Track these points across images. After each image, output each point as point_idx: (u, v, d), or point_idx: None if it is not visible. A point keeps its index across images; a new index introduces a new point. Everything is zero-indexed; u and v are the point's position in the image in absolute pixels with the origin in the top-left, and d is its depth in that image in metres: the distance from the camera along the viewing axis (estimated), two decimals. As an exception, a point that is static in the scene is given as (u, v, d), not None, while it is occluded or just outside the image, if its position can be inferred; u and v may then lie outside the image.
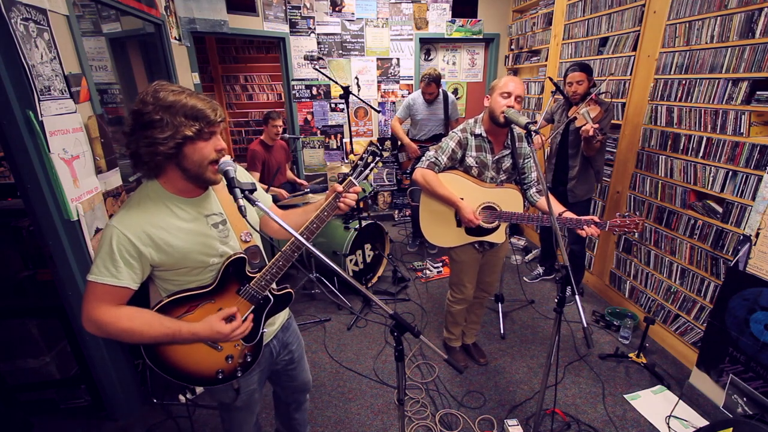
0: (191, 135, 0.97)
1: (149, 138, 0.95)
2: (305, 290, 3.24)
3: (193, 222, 1.08)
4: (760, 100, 1.87)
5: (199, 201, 1.11)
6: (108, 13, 2.39)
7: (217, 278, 1.11)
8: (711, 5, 2.09)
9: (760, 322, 1.70)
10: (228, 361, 1.16)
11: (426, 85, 3.46)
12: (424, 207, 2.01)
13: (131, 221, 1.00)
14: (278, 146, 3.54)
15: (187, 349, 1.11)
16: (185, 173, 1.02)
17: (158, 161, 0.98)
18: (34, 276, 2.03)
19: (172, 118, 0.95)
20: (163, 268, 1.06)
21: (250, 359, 1.21)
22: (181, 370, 1.13)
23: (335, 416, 2.05)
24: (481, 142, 1.88)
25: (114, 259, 0.98)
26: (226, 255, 1.12)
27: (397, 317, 1.04)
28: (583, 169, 2.67)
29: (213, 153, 1.02)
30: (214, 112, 1.00)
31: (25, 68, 1.43)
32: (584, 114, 2.34)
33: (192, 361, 1.13)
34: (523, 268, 3.57)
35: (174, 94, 0.97)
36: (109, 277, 0.98)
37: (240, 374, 1.20)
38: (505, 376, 2.30)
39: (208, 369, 1.15)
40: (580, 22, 3.20)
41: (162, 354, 1.10)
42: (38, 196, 1.54)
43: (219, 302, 1.12)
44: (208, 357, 1.14)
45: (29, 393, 2.10)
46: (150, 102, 0.95)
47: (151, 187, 1.05)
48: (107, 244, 0.98)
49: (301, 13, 4.07)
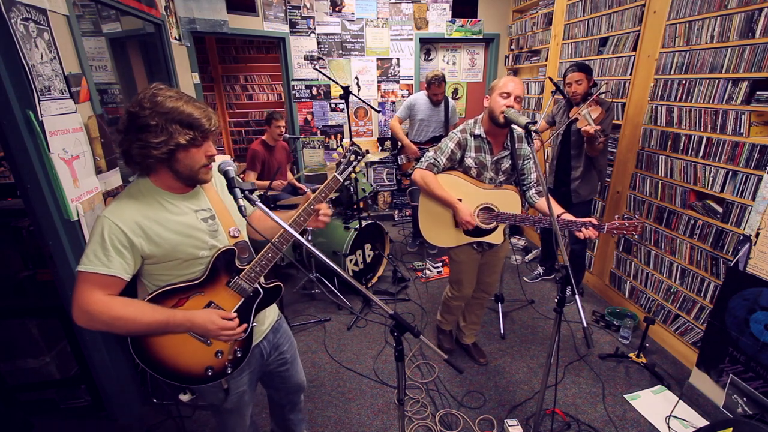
0: (184, 143, 1.00)
1: (143, 141, 0.98)
2: (305, 290, 3.24)
3: (183, 216, 1.10)
4: (760, 100, 1.87)
5: (189, 197, 1.13)
6: (108, 13, 2.39)
7: (207, 270, 1.12)
8: (711, 5, 2.09)
9: (760, 322, 1.70)
10: (218, 357, 1.16)
11: (437, 86, 3.44)
12: (422, 207, 2.02)
13: (123, 213, 1.01)
14: (280, 147, 3.54)
15: (177, 344, 1.10)
16: (176, 174, 1.06)
17: (150, 163, 1.01)
18: (34, 276, 2.03)
19: (167, 125, 0.97)
20: (153, 260, 1.06)
21: (240, 354, 1.21)
22: (170, 366, 1.11)
23: (335, 416, 2.05)
24: (480, 143, 1.88)
25: (105, 248, 0.99)
26: (215, 248, 1.14)
27: (397, 317, 1.05)
28: (586, 169, 2.67)
29: (204, 159, 1.06)
30: (209, 121, 1.03)
31: (25, 68, 1.43)
32: (585, 115, 2.34)
33: (181, 357, 1.12)
34: (523, 268, 3.57)
35: (171, 100, 0.99)
36: (100, 266, 0.99)
37: (230, 371, 1.20)
38: (505, 376, 2.30)
39: (198, 365, 1.14)
40: (580, 22, 3.20)
41: (150, 349, 1.09)
42: (38, 196, 1.54)
43: (209, 294, 1.13)
44: (198, 352, 1.13)
45: (29, 393, 2.10)
46: (147, 106, 0.97)
47: (142, 183, 1.07)
48: (98, 234, 0.99)
49: (301, 13, 4.07)
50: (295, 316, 2.91)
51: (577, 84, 2.55)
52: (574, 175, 2.72)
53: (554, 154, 2.90)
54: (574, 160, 2.71)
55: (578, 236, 1.68)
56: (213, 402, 1.29)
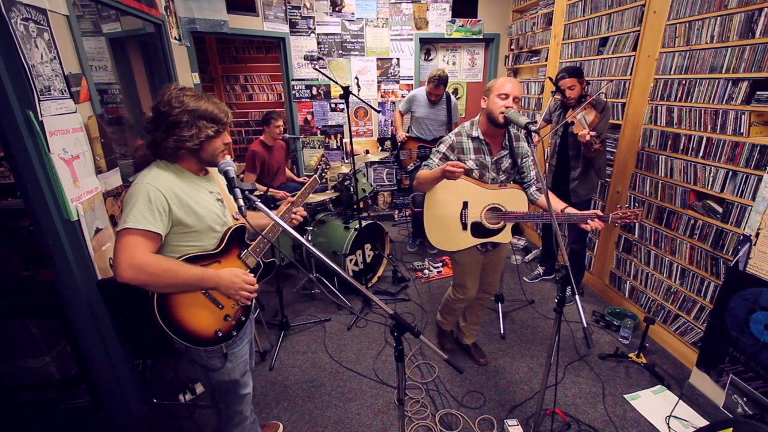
0: (212, 134, 1.20)
1: (176, 135, 1.16)
2: (305, 290, 3.24)
3: (204, 194, 1.29)
4: (760, 100, 1.87)
5: (205, 180, 1.32)
6: (108, 13, 2.39)
7: (223, 242, 1.30)
8: (711, 5, 2.09)
9: (760, 322, 1.70)
10: (226, 320, 1.30)
11: (435, 87, 3.42)
12: (428, 213, 2.00)
13: (163, 183, 1.16)
14: (278, 146, 3.54)
15: (194, 306, 1.23)
16: (199, 160, 1.26)
17: (181, 153, 1.20)
18: (34, 276, 2.03)
19: (196, 121, 1.17)
20: (180, 229, 1.21)
21: (244, 319, 1.37)
22: (185, 328, 1.22)
23: (335, 416, 2.05)
24: (479, 145, 1.89)
25: (151, 209, 1.12)
26: (227, 225, 1.33)
27: (397, 317, 1.05)
28: (584, 169, 2.68)
29: (222, 145, 1.26)
30: (226, 116, 1.24)
31: (25, 68, 1.43)
32: (580, 120, 2.35)
33: (196, 320, 1.24)
34: (523, 268, 3.57)
35: (195, 99, 1.17)
36: (146, 224, 1.11)
37: (235, 333, 1.33)
38: (505, 376, 2.30)
39: (209, 328, 1.26)
40: (580, 22, 3.20)
41: (171, 310, 1.19)
42: (38, 196, 1.54)
43: (224, 263, 1.30)
44: (210, 316, 1.27)
45: (29, 393, 2.10)
46: (176, 105, 1.14)
47: (169, 164, 1.23)
48: (144, 196, 1.12)
49: (301, 13, 4.07)
50: (295, 316, 2.91)
51: (570, 90, 2.57)
52: (573, 175, 2.73)
53: (551, 154, 2.91)
54: (573, 161, 2.72)
55: (585, 228, 1.70)
56: (214, 366, 1.35)
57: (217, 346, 1.29)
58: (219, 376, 1.38)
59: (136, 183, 1.16)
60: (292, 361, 2.45)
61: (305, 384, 2.27)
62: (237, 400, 1.48)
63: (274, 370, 2.37)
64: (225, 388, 1.42)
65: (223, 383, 1.41)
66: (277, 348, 2.54)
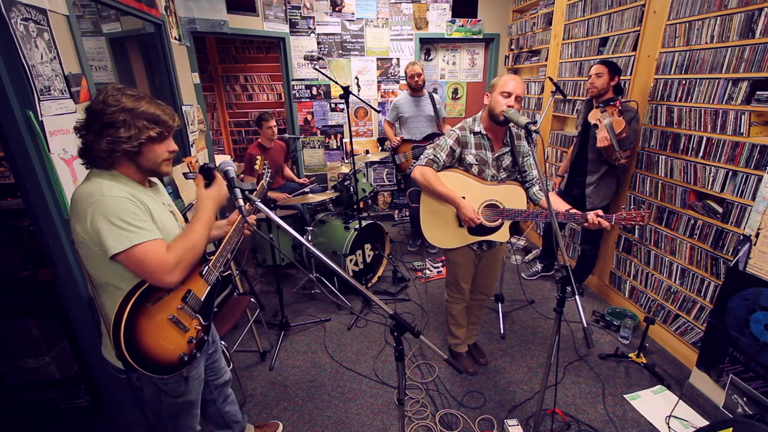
0: (154, 136, 1.07)
1: (111, 136, 1.03)
2: (305, 290, 3.24)
3: (159, 205, 1.18)
4: (760, 100, 1.87)
5: (153, 191, 1.20)
6: (108, 13, 2.39)
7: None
8: (711, 5, 2.09)
9: (760, 322, 1.70)
10: (190, 343, 1.22)
11: (410, 73, 3.51)
12: (424, 208, 1.99)
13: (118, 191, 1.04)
14: (277, 147, 3.54)
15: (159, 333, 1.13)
16: (139, 167, 1.12)
17: (116, 156, 1.06)
18: (34, 276, 2.03)
19: (135, 121, 1.04)
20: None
21: (205, 338, 1.31)
22: (152, 357, 1.11)
23: (335, 416, 2.05)
24: (480, 140, 1.88)
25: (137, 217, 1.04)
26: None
27: (397, 317, 1.05)
28: (604, 175, 2.59)
29: (165, 153, 1.14)
30: (172, 119, 1.12)
31: (25, 68, 1.43)
32: (606, 126, 2.26)
33: (162, 348, 1.14)
34: (523, 268, 3.57)
35: (134, 99, 1.05)
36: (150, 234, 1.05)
37: (197, 353, 1.26)
38: (505, 376, 2.30)
39: (174, 353, 1.17)
40: (580, 22, 3.20)
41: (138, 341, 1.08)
42: (38, 196, 1.54)
43: (187, 284, 1.21)
44: (176, 341, 1.18)
45: (29, 393, 2.10)
46: (112, 104, 1.02)
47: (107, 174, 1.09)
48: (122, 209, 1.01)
49: (301, 13, 4.07)
50: (295, 316, 2.91)
51: (597, 77, 2.46)
52: (590, 179, 2.65)
53: (571, 155, 2.84)
54: (591, 165, 2.64)
55: (588, 227, 1.70)
56: (176, 391, 1.27)
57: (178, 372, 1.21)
58: (174, 399, 1.28)
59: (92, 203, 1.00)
60: (292, 361, 2.45)
61: (305, 384, 2.27)
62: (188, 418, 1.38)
63: (274, 370, 2.37)
64: (178, 410, 1.33)
65: (177, 405, 1.31)
66: (277, 348, 2.54)
